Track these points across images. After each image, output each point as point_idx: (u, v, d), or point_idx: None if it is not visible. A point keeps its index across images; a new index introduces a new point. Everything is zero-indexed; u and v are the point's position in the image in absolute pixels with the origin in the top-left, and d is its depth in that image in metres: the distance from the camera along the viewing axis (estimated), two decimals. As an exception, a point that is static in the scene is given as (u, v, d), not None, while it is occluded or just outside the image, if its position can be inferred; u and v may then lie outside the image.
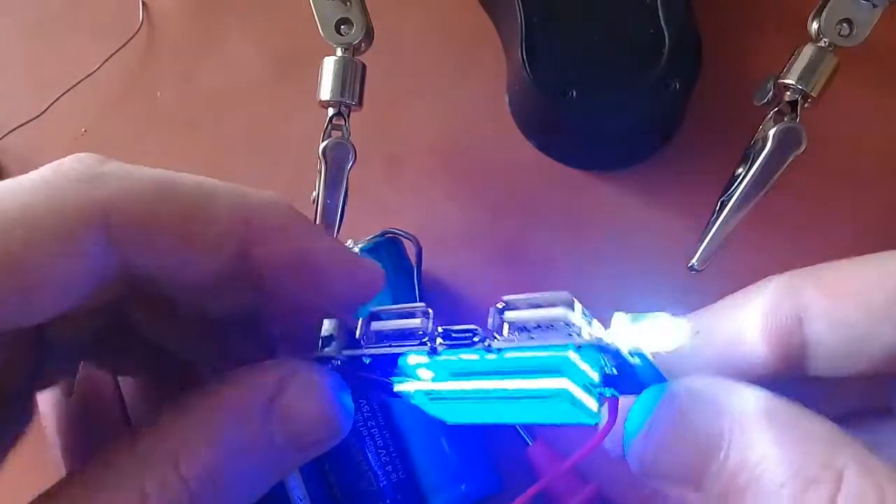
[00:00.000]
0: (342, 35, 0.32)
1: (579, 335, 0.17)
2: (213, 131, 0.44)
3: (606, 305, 0.21)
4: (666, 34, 0.39)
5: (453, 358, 0.19)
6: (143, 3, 0.46)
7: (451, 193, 0.42)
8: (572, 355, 0.17)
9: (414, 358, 0.20)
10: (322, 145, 0.32)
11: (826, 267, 0.19)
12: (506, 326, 0.18)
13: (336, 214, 0.31)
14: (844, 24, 0.30)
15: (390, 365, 0.20)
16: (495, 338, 0.18)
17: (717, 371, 0.18)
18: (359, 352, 0.20)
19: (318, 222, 0.31)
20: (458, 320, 0.41)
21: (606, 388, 0.19)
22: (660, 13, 0.39)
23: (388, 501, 0.33)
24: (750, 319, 0.19)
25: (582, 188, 0.42)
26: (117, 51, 0.45)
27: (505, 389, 0.18)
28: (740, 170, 0.31)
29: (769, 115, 0.31)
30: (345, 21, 0.32)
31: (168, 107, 0.45)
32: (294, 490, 0.32)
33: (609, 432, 0.19)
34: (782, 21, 0.44)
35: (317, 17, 0.32)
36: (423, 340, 0.19)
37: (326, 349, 0.20)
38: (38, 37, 0.46)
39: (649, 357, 0.18)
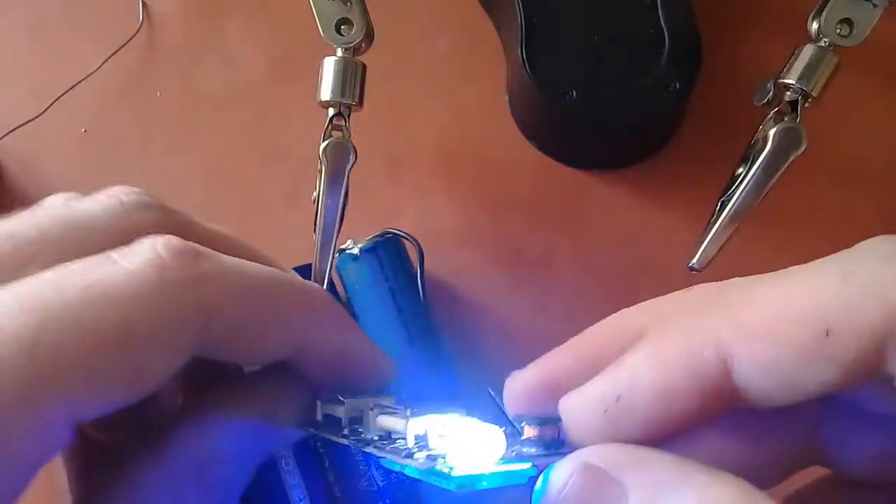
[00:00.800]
0: (342, 35, 0.32)
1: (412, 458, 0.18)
2: (213, 131, 0.44)
3: (607, 305, 0.21)
4: (666, 34, 0.39)
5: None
6: (143, 3, 0.46)
7: (451, 193, 0.42)
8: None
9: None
10: (322, 145, 0.32)
11: (741, 298, 0.18)
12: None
13: (336, 214, 0.31)
14: (844, 24, 0.30)
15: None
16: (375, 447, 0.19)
17: (647, 426, 0.18)
18: (338, 438, 0.21)
19: (318, 222, 0.31)
20: (458, 320, 0.41)
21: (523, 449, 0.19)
22: (660, 13, 0.39)
23: (387, 501, 0.33)
24: (673, 377, 0.18)
25: (582, 188, 0.42)
26: (117, 51, 0.45)
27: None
28: (740, 170, 0.31)
29: (769, 115, 0.31)
30: (345, 21, 0.32)
31: (168, 107, 0.45)
32: (294, 490, 0.32)
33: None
34: (782, 21, 0.44)
35: (317, 18, 0.32)
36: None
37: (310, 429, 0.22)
38: (38, 37, 0.46)
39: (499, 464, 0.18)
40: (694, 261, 0.31)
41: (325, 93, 0.32)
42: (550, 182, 0.42)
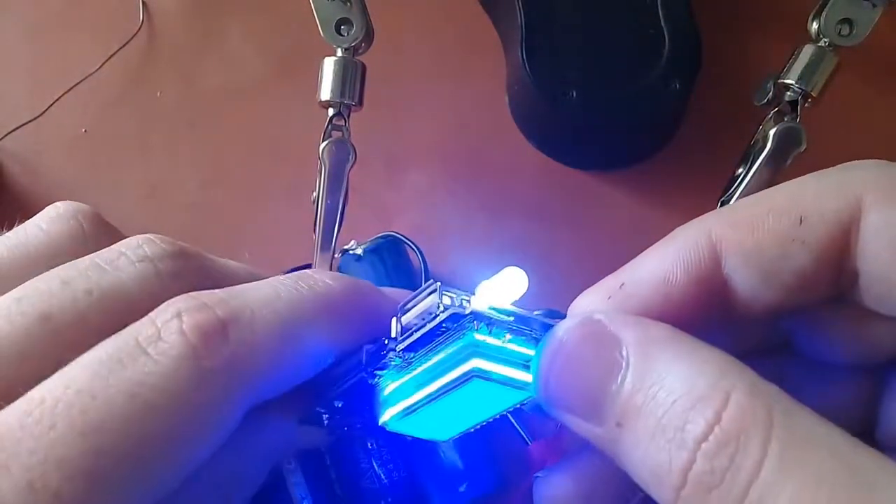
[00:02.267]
0: (342, 35, 0.32)
1: (443, 312, 0.18)
2: (213, 131, 0.44)
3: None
4: (666, 34, 0.39)
5: (404, 379, 0.20)
6: (143, 3, 0.46)
7: (451, 193, 0.42)
8: (479, 336, 0.18)
9: (388, 388, 0.21)
10: (322, 145, 0.32)
11: (736, 202, 0.20)
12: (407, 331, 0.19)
13: (336, 214, 0.31)
14: (844, 24, 0.30)
15: (367, 402, 0.21)
16: (398, 342, 0.19)
17: (648, 312, 0.19)
18: (328, 398, 0.21)
19: (318, 222, 0.31)
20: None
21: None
22: (660, 13, 0.39)
23: (388, 500, 0.33)
24: (671, 264, 0.19)
25: (582, 188, 0.42)
26: (117, 51, 0.45)
27: (441, 387, 0.19)
28: (740, 170, 0.31)
29: (769, 115, 0.31)
30: (345, 21, 0.32)
31: (168, 107, 0.45)
32: (296, 488, 0.32)
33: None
34: (782, 21, 0.44)
35: (317, 18, 0.32)
36: (362, 374, 0.20)
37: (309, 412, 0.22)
38: (38, 37, 0.46)
39: (516, 310, 0.19)
40: (694, 261, 0.31)
41: (325, 93, 0.32)
42: (550, 182, 0.42)
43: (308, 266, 0.34)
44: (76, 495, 0.15)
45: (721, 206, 0.31)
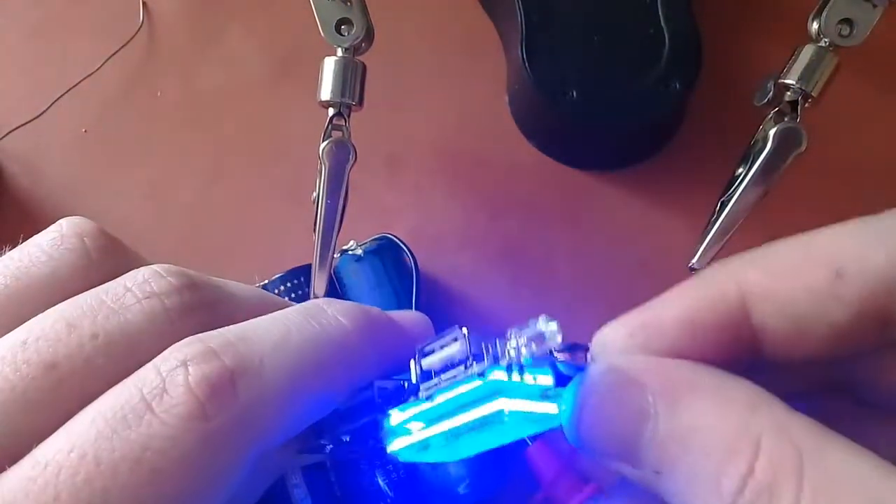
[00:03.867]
0: (342, 35, 0.32)
1: (474, 366, 0.18)
2: (213, 131, 0.44)
3: (607, 305, 0.22)
4: (666, 34, 0.39)
5: (416, 411, 0.20)
6: (143, 3, 0.46)
7: (451, 193, 0.42)
8: (500, 375, 0.18)
9: (397, 416, 0.20)
10: (322, 145, 0.32)
11: (766, 248, 0.19)
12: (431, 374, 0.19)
13: (336, 214, 0.31)
14: (844, 24, 0.30)
15: (374, 433, 0.21)
16: (419, 387, 0.19)
17: (670, 356, 0.19)
18: (337, 433, 0.21)
19: (318, 222, 0.31)
20: (458, 320, 0.41)
21: (560, 388, 0.19)
22: (660, 13, 0.39)
23: (388, 501, 0.33)
24: (698, 310, 0.19)
25: (582, 188, 0.42)
26: (117, 51, 0.45)
27: (462, 424, 0.19)
28: (740, 170, 0.31)
29: (769, 115, 0.31)
30: (345, 21, 0.32)
31: (168, 107, 0.45)
32: (296, 489, 0.32)
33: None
34: (782, 21, 0.44)
35: (317, 18, 0.32)
36: (376, 415, 0.20)
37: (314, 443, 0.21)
38: (38, 37, 0.46)
39: (555, 357, 0.18)
40: (694, 261, 0.31)
41: (325, 93, 0.32)
42: (550, 182, 0.42)
43: (308, 266, 0.34)
44: None
45: (721, 206, 0.31)
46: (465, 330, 0.19)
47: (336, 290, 0.37)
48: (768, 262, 0.18)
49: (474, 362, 0.18)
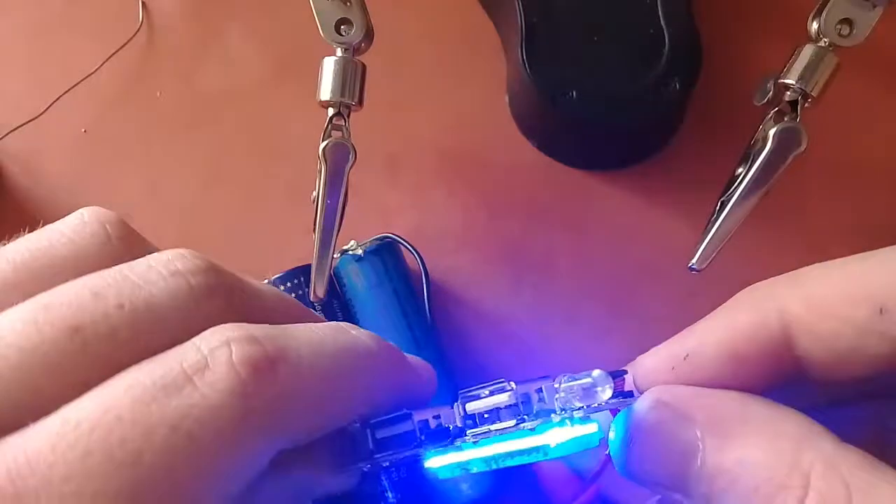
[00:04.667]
0: (342, 35, 0.32)
1: (527, 423, 0.19)
2: (213, 131, 0.44)
3: (607, 305, 0.21)
4: (666, 34, 0.39)
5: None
6: (143, 3, 0.46)
7: (451, 193, 0.42)
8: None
9: (438, 461, 0.21)
10: (322, 145, 0.32)
11: (807, 275, 0.19)
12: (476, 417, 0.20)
13: (336, 214, 0.31)
14: (844, 24, 0.30)
15: (412, 463, 0.22)
16: (466, 434, 0.20)
17: (713, 387, 0.19)
18: (375, 460, 0.21)
19: (318, 222, 0.31)
20: (458, 320, 0.41)
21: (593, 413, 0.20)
22: (660, 13, 0.39)
23: (391, 501, 0.33)
24: (740, 340, 0.19)
25: (582, 188, 0.42)
26: (117, 51, 0.45)
27: (505, 452, 0.20)
28: (740, 170, 0.31)
29: (769, 115, 0.31)
30: (345, 21, 0.32)
31: (168, 107, 0.45)
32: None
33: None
34: (782, 21, 0.44)
35: (317, 18, 0.32)
36: (417, 451, 0.20)
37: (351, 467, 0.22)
38: (38, 37, 0.46)
39: (601, 413, 0.19)
40: (694, 261, 0.31)
41: (325, 92, 0.32)
42: (550, 182, 0.42)
43: (308, 266, 0.34)
44: None
45: (721, 206, 0.31)
46: (513, 384, 0.19)
47: (336, 290, 0.37)
48: (808, 292, 0.18)
49: (526, 417, 0.19)
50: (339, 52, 0.32)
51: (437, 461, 0.21)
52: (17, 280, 0.18)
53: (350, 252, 0.37)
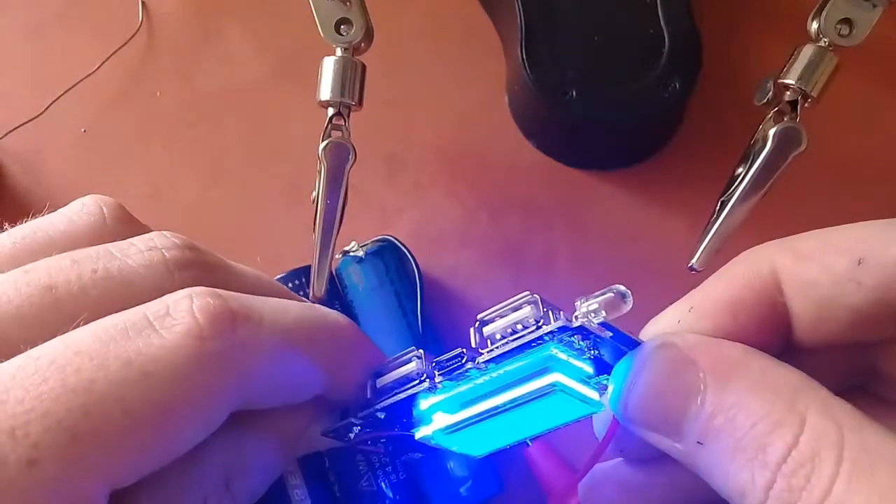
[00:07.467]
0: (342, 35, 0.32)
1: (547, 325, 0.18)
2: (213, 131, 0.44)
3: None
4: (666, 34, 0.39)
5: (458, 391, 0.20)
6: (143, 3, 0.46)
7: (451, 193, 0.42)
8: (555, 351, 0.19)
9: (426, 402, 0.21)
10: (322, 145, 0.32)
11: (797, 236, 0.20)
12: (487, 342, 0.19)
13: (336, 215, 0.31)
14: (844, 24, 0.30)
15: (405, 416, 0.21)
16: (480, 353, 0.19)
17: (716, 335, 0.20)
18: (371, 409, 0.21)
19: (318, 222, 0.31)
20: (458, 320, 0.41)
21: (602, 376, 0.20)
22: (660, 13, 0.39)
23: (388, 502, 0.33)
24: (738, 286, 0.20)
25: (582, 188, 0.42)
26: (117, 51, 0.45)
27: (510, 400, 0.19)
28: (740, 170, 0.31)
29: (769, 115, 0.31)
30: (345, 21, 0.32)
31: (168, 107, 0.45)
32: (295, 490, 0.32)
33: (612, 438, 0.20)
34: (782, 21, 0.44)
35: (316, 18, 0.32)
36: (422, 379, 0.20)
37: (343, 421, 0.22)
38: (38, 37, 0.46)
39: (614, 326, 0.19)
40: (694, 261, 0.31)
41: (325, 92, 0.32)
42: (550, 182, 0.42)
43: (308, 267, 0.34)
44: (55, 450, 0.15)
45: (721, 206, 0.31)
46: (538, 297, 0.19)
47: (337, 291, 0.37)
48: (797, 245, 0.20)
49: (544, 323, 0.18)
50: (338, 52, 0.32)
51: (430, 428, 0.21)
52: (15, 253, 0.19)
53: (351, 253, 0.37)
